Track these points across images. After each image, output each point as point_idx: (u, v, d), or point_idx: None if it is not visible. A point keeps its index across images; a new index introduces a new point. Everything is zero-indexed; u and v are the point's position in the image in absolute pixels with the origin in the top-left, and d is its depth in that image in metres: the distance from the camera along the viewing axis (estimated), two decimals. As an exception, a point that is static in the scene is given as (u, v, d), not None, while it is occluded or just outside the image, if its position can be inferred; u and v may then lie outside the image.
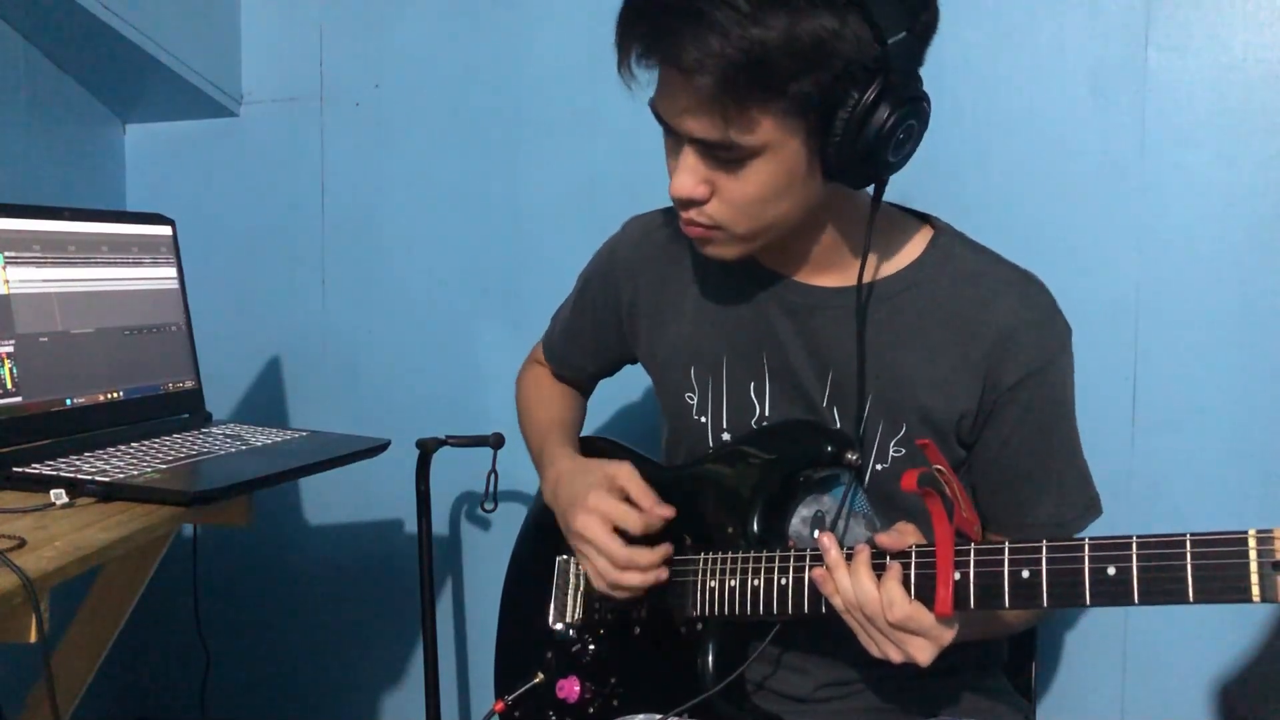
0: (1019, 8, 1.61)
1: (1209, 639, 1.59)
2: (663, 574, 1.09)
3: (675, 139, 0.98)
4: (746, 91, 0.89)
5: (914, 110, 0.93)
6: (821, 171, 0.96)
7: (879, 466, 1.08)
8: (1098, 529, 1.10)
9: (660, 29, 0.90)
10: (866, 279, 1.08)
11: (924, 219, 1.13)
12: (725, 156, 0.94)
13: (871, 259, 1.07)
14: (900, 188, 1.04)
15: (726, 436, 1.15)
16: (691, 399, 1.17)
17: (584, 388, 1.41)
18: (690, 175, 0.97)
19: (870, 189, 1.01)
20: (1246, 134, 1.53)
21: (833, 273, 1.08)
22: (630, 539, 1.09)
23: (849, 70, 0.89)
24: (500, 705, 1.17)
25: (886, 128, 0.91)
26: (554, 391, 1.38)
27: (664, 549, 1.09)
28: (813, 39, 0.87)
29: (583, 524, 1.09)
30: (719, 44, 0.86)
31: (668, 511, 1.09)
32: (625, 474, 1.11)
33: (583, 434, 1.36)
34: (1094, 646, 1.66)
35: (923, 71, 0.96)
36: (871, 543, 0.96)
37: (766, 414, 1.13)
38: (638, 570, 1.08)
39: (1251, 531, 0.79)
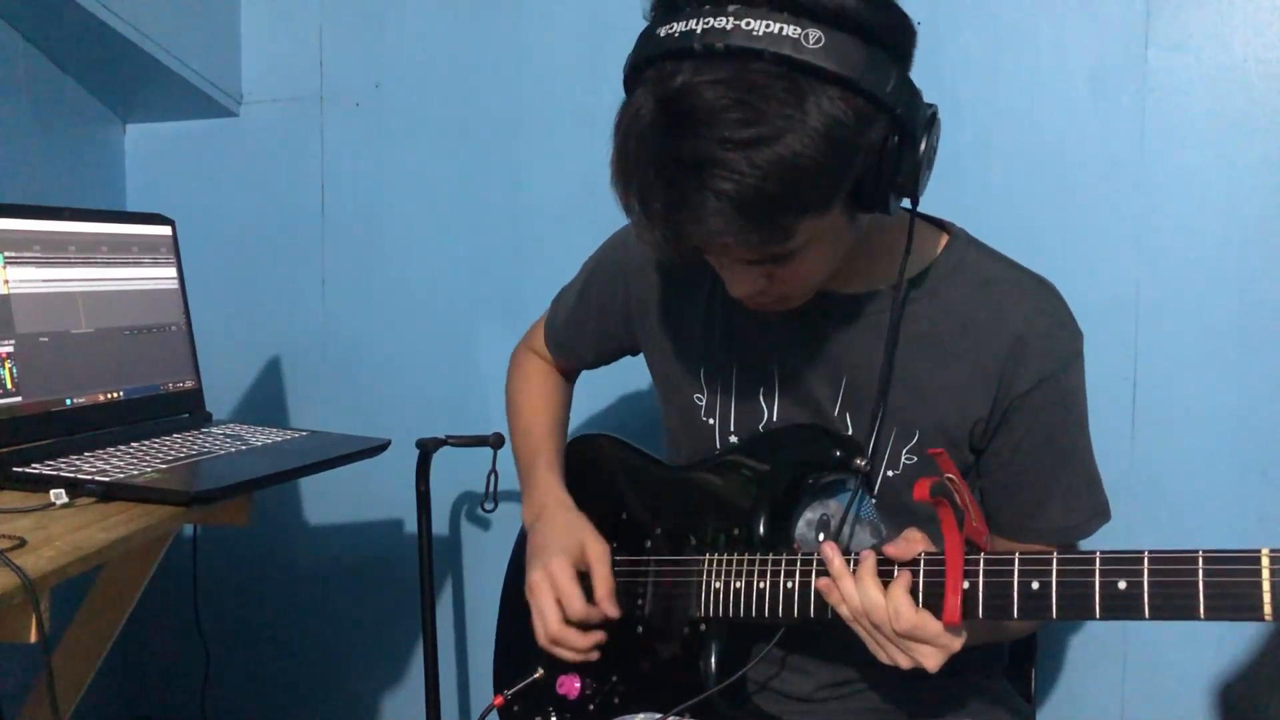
0: (1019, 8, 1.61)
1: (1209, 639, 1.59)
2: (591, 657, 1.11)
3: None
4: (782, 228, 0.88)
5: (930, 128, 0.93)
6: (862, 211, 0.95)
7: (890, 473, 1.08)
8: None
9: (671, 218, 0.88)
10: (878, 286, 1.08)
11: (939, 225, 1.12)
12: (777, 260, 0.94)
13: (886, 265, 1.06)
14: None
15: (734, 439, 1.15)
16: (700, 400, 1.17)
17: (575, 375, 1.40)
18: (747, 282, 0.97)
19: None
20: (1246, 134, 1.53)
21: (849, 279, 1.07)
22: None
23: (865, 148, 0.88)
24: (499, 700, 1.17)
25: (917, 161, 0.92)
26: (546, 389, 1.36)
27: (596, 636, 1.10)
28: (816, 153, 0.84)
29: (535, 580, 1.11)
30: (736, 213, 0.84)
31: (613, 613, 1.10)
32: (596, 556, 1.12)
33: (587, 431, 1.36)
34: (1094, 648, 1.66)
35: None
36: (879, 551, 0.95)
37: (775, 419, 1.13)
38: (565, 647, 1.10)
39: (1265, 550, 0.79)
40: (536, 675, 1.17)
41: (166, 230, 1.53)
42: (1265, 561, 0.78)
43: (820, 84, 0.84)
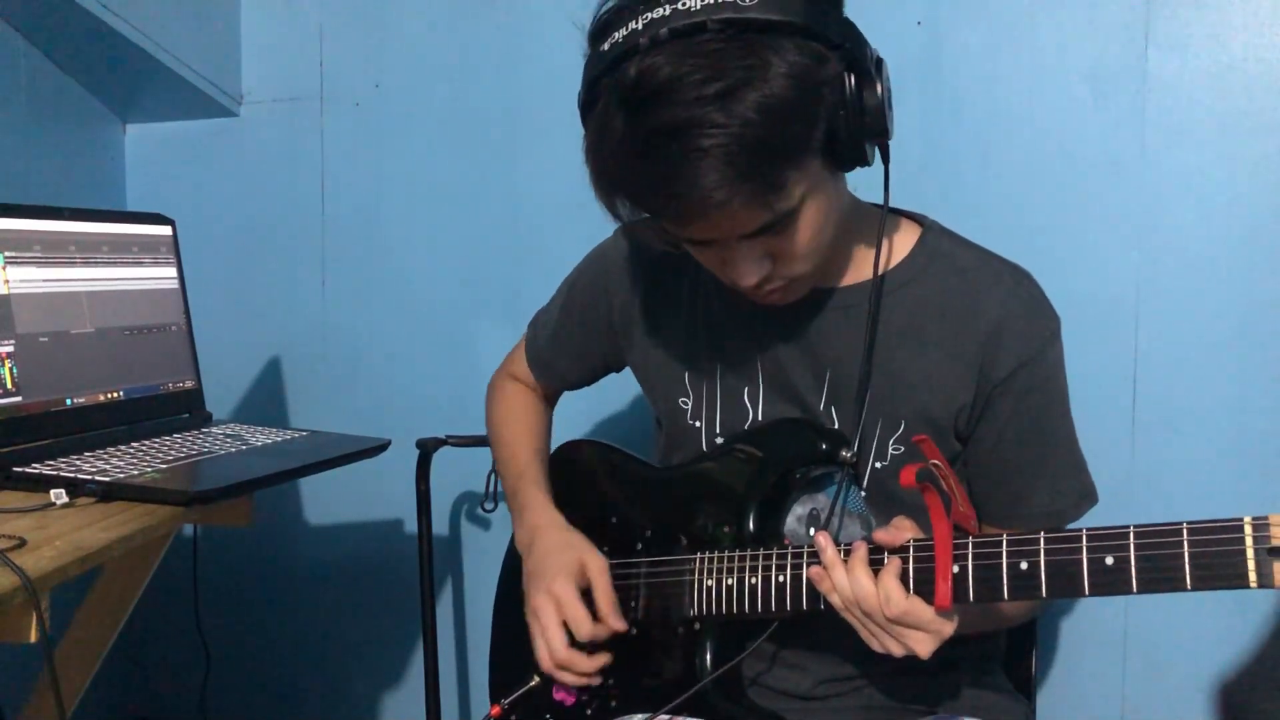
0: (1019, 8, 1.61)
1: (1209, 637, 1.59)
2: (595, 681, 1.10)
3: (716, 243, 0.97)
4: (772, 177, 0.88)
5: (880, 70, 0.94)
6: (840, 169, 0.96)
7: (878, 465, 1.09)
8: (1095, 523, 1.10)
9: (666, 195, 0.88)
10: (857, 279, 1.09)
11: (911, 217, 1.13)
12: (776, 228, 0.93)
13: (863, 259, 1.08)
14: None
15: (720, 441, 1.15)
16: (685, 404, 1.17)
17: (555, 398, 1.40)
18: (753, 265, 0.97)
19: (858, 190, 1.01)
20: (1246, 134, 1.53)
21: (827, 274, 1.08)
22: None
23: (828, 85, 0.89)
24: (496, 709, 1.17)
25: (879, 99, 0.92)
26: (528, 414, 1.35)
27: (602, 659, 1.10)
28: (786, 93, 0.85)
29: (539, 604, 1.10)
30: (726, 166, 0.85)
31: (620, 626, 1.09)
32: (596, 570, 1.11)
33: (573, 438, 1.36)
34: (1094, 643, 1.66)
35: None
36: (869, 540, 0.96)
37: (760, 417, 1.13)
38: (571, 672, 1.09)
39: (1247, 519, 0.80)
40: (533, 683, 1.17)
41: (166, 230, 1.53)
42: (1248, 530, 0.80)
43: (768, 36, 0.86)
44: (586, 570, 1.11)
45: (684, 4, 0.86)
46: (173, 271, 1.53)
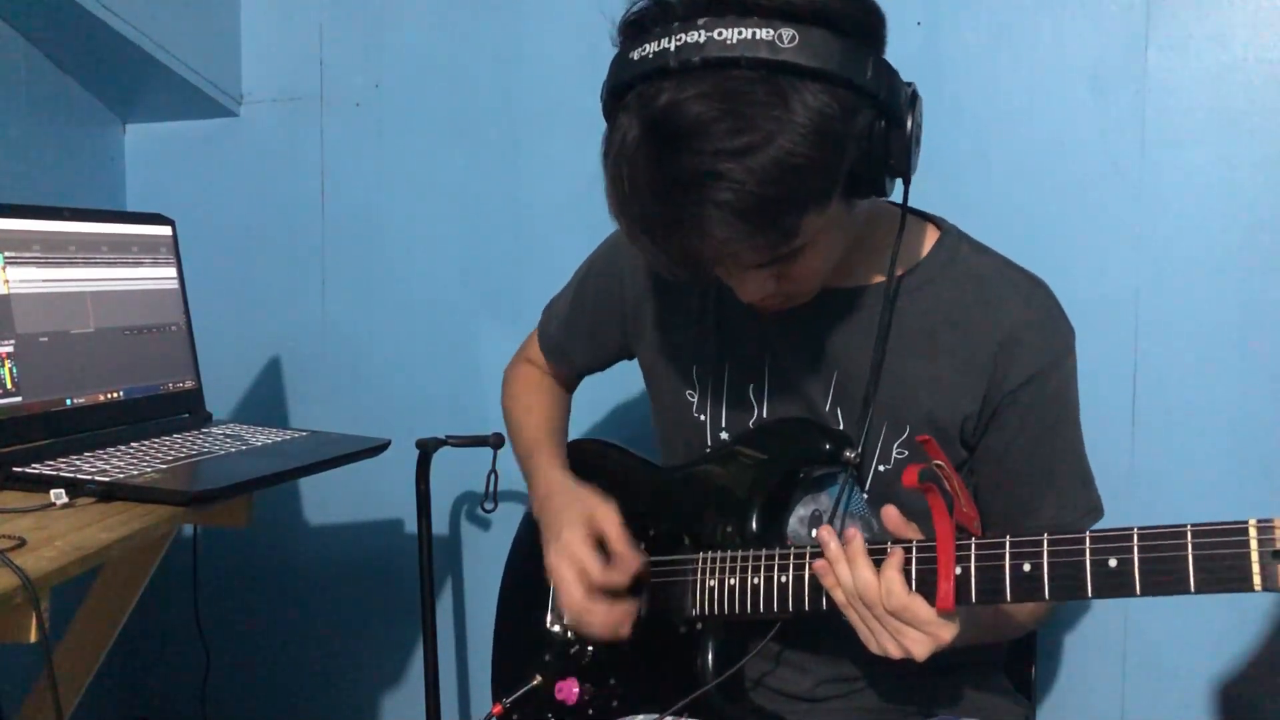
0: (1019, 8, 1.61)
1: (1209, 639, 1.59)
2: (623, 630, 1.09)
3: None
4: (785, 229, 0.88)
5: (913, 106, 0.94)
6: (859, 198, 0.96)
7: (881, 468, 1.09)
8: (1096, 523, 1.10)
9: (674, 237, 0.89)
10: (870, 281, 1.09)
11: (930, 220, 1.12)
12: (783, 259, 0.94)
13: (878, 261, 1.07)
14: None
15: (725, 436, 1.15)
16: (692, 397, 1.17)
17: (572, 383, 1.41)
18: (757, 286, 0.97)
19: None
20: (1246, 134, 1.53)
21: (840, 274, 1.07)
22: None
23: (854, 138, 0.89)
24: (498, 708, 1.17)
25: (906, 142, 0.92)
26: (543, 393, 1.37)
27: (625, 607, 1.09)
28: (809, 150, 0.84)
29: (553, 561, 1.11)
30: (738, 220, 0.85)
31: (633, 564, 1.09)
32: (604, 516, 1.11)
33: (576, 437, 1.36)
34: (1094, 646, 1.66)
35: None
36: (871, 540, 0.96)
37: (765, 414, 1.13)
38: (593, 620, 1.09)
39: (1252, 521, 0.79)
40: (535, 682, 1.17)
41: (166, 230, 1.53)
42: (1253, 532, 0.79)
43: (801, 81, 0.85)
44: (596, 519, 1.11)
45: (720, 33, 0.84)
46: (173, 271, 1.53)
